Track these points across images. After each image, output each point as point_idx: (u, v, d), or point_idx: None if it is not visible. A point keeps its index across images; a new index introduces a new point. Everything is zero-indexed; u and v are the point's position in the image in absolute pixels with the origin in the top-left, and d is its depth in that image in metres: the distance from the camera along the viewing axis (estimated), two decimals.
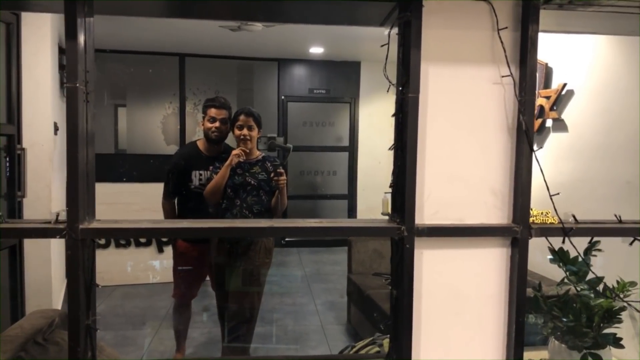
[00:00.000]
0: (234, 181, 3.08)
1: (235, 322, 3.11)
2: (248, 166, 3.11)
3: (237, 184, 3.07)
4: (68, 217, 1.29)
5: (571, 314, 2.10)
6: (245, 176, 3.08)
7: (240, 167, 3.09)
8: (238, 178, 3.08)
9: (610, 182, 2.71)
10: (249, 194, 3.07)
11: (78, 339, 1.31)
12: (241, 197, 3.07)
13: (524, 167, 1.42)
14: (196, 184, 3.17)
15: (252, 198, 3.07)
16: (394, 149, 1.45)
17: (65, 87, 1.28)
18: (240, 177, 3.08)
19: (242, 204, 3.06)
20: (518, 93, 1.43)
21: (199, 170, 3.18)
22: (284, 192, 3.05)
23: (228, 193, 3.07)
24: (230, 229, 1.42)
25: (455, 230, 1.43)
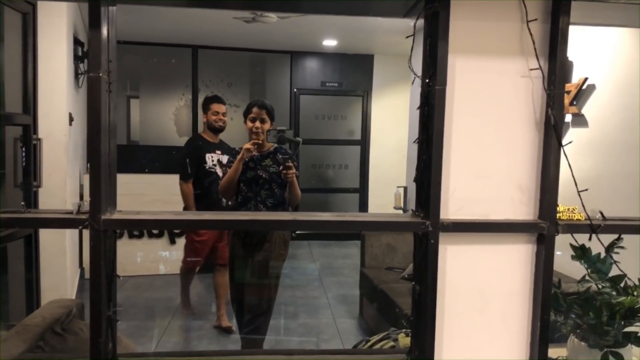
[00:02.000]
0: (246, 175, 3.06)
1: (251, 315, 3.10)
2: (260, 159, 3.09)
3: (250, 177, 3.06)
4: (90, 208, 1.28)
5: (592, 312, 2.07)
6: (257, 170, 3.06)
7: (252, 160, 3.07)
8: (250, 172, 3.06)
9: (631, 178, 2.66)
10: (262, 187, 3.05)
11: (100, 330, 1.31)
12: (254, 191, 3.05)
13: (551, 162, 1.39)
14: (210, 165, 3.84)
15: (265, 192, 3.05)
16: (419, 143, 1.43)
17: (88, 77, 1.26)
18: (252, 170, 3.06)
19: (256, 197, 3.04)
20: (547, 86, 1.40)
21: (210, 153, 3.87)
22: (295, 184, 3.01)
23: (241, 187, 3.07)
24: (251, 222, 1.41)
25: (481, 226, 1.41)
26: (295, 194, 3.04)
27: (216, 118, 3.87)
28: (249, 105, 3.13)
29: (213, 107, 3.88)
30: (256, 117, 3.06)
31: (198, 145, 3.89)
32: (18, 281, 3.30)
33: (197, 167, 3.82)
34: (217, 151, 3.89)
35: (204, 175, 3.83)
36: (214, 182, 3.77)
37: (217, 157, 3.87)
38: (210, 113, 3.88)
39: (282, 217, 1.44)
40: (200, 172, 3.83)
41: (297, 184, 3.03)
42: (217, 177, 3.79)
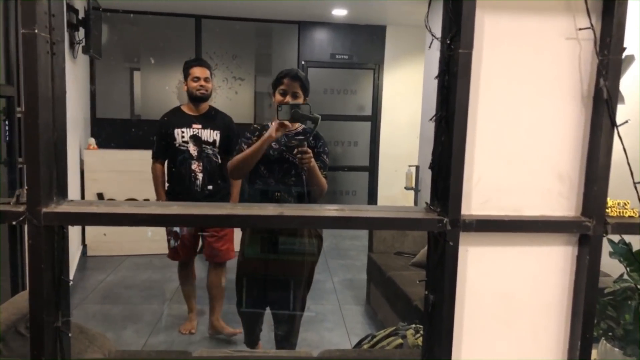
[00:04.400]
0: (269, 157, 2.53)
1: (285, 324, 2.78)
2: (285, 140, 2.56)
3: (273, 160, 2.54)
4: (28, 199, 1.04)
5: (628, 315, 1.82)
6: (281, 151, 2.54)
7: (276, 141, 2.51)
8: (273, 153, 2.53)
9: None
10: (287, 172, 2.55)
11: (42, 345, 1.08)
12: (276, 177, 2.56)
13: (602, 147, 1.12)
14: (179, 142, 3.29)
15: (291, 178, 2.56)
16: (436, 120, 1.16)
17: (22, 34, 1.00)
18: (276, 152, 2.53)
19: (279, 184, 2.56)
20: (599, 51, 1.11)
21: (181, 129, 3.30)
22: (315, 173, 2.46)
23: (261, 171, 2.56)
24: (227, 217, 1.15)
25: (510, 224, 1.14)
26: (318, 184, 2.50)
27: (196, 85, 3.27)
28: (279, 75, 2.57)
29: (193, 72, 3.29)
30: (287, 89, 2.52)
31: (166, 119, 3.37)
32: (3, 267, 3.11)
33: (165, 145, 3.33)
34: (195, 125, 3.30)
35: (173, 153, 3.31)
36: (185, 161, 3.29)
37: (192, 132, 3.30)
38: (189, 79, 3.30)
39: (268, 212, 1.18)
40: (171, 150, 3.32)
41: (318, 172, 2.46)
42: (189, 156, 3.29)
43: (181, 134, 3.30)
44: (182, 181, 3.30)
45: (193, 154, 3.31)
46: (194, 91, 3.29)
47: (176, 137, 3.29)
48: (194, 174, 3.31)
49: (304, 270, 2.72)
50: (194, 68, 3.32)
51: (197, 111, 3.35)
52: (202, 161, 3.32)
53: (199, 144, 3.32)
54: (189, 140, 3.30)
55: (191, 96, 3.33)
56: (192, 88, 3.29)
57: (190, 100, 3.36)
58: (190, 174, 3.31)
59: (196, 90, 3.28)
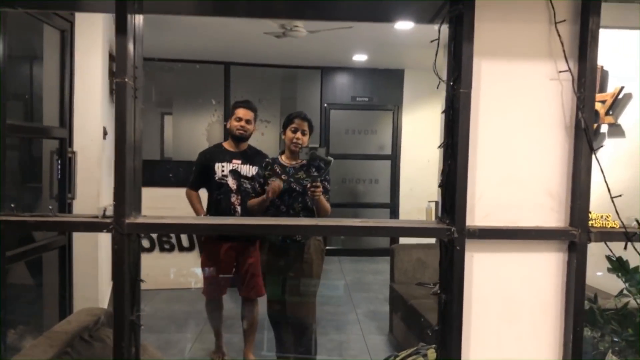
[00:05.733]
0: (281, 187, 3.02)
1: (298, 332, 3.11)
2: (293, 171, 3.07)
3: (283, 190, 3.02)
4: (115, 212, 1.30)
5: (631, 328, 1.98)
6: (289, 182, 3.04)
7: (285, 172, 3.07)
8: (284, 184, 3.04)
9: None
10: (295, 200, 3.03)
11: (122, 334, 1.32)
12: (286, 203, 3.03)
13: (583, 167, 1.35)
14: (219, 175, 3.48)
15: (298, 204, 3.02)
16: (444, 147, 1.40)
17: (115, 82, 1.29)
18: (286, 182, 3.04)
19: (289, 210, 3.02)
20: (577, 89, 1.36)
21: (221, 163, 3.49)
22: (322, 201, 2.93)
23: (274, 199, 3.02)
24: (275, 226, 1.40)
25: (508, 233, 1.37)
26: (323, 210, 2.98)
27: (238, 125, 3.46)
28: (290, 115, 3.10)
29: (237, 112, 3.48)
30: (298, 128, 3.05)
31: (210, 153, 3.58)
32: (52, 291, 3.37)
33: (206, 177, 3.50)
34: (235, 160, 3.49)
35: (214, 187, 3.48)
36: (225, 193, 3.45)
37: (232, 167, 3.49)
38: (233, 119, 3.49)
39: (306, 222, 1.43)
40: (210, 183, 3.50)
41: (324, 201, 2.97)
42: (228, 189, 3.45)
43: (221, 167, 3.47)
44: (223, 212, 3.47)
45: (232, 187, 3.46)
46: (234, 130, 3.48)
47: (216, 170, 3.47)
48: (233, 206, 3.48)
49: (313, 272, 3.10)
50: (239, 109, 3.50)
51: (237, 148, 3.54)
52: (240, 194, 3.48)
53: (238, 178, 3.50)
54: (228, 174, 3.47)
55: (232, 134, 3.51)
56: (233, 127, 3.48)
57: (231, 138, 3.55)
58: (230, 206, 3.46)
59: (236, 129, 3.47)
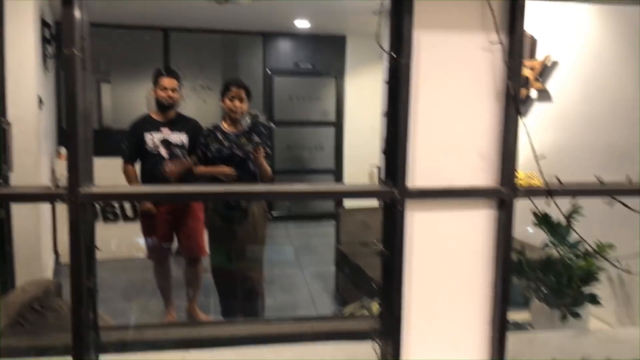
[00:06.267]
0: (222, 154, 3.10)
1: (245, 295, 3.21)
2: (235, 138, 3.13)
3: (226, 156, 3.10)
4: (69, 182, 1.32)
5: (553, 276, 2.20)
6: (232, 148, 3.11)
7: (227, 139, 3.13)
8: (226, 150, 3.11)
9: (592, 150, 2.78)
10: (238, 165, 3.10)
11: (81, 299, 1.35)
12: None
13: (511, 131, 1.48)
14: (151, 146, 3.53)
15: (241, 170, 3.10)
16: (386, 115, 1.50)
17: (63, 54, 1.29)
18: (228, 149, 3.11)
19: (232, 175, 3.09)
20: (506, 59, 1.47)
21: (150, 132, 3.54)
22: (262, 164, 3.02)
23: (217, 165, 3.12)
24: (226, 193, 1.46)
25: (445, 193, 1.49)
26: (264, 173, 3.07)
27: (164, 94, 3.49)
28: (226, 83, 3.15)
29: (162, 82, 3.52)
30: (235, 96, 3.09)
31: (138, 125, 3.60)
32: None
33: (137, 148, 3.55)
34: (164, 129, 3.54)
35: (146, 157, 3.55)
36: (158, 163, 3.51)
37: (162, 137, 3.55)
38: (158, 88, 3.52)
39: (256, 189, 1.50)
40: (142, 154, 3.55)
41: (266, 165, 3.05)
42: (160, 159, 3.51)
43: (151, 137, 3.53)
44: (156, 181, 3.49)
45: (164, 156, 3.53)
46: (161, 99, 3.52)
47: (147, 141, 3.52)
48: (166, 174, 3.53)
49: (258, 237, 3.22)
50: (163, 78, 3.54)
51: (165, 117, 3.58)
52: (173, 161, 3.54)
53: (169, 147, 3.55)
54: (159, 143, 3.53)
55: (158, 104, 3.56)
56: (160, 97, 3.52)
57: (157, 108, 3.58)
58: (163, 174, 3.50)
59: (163, 99, 3.52)
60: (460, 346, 1.53)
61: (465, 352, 1.53)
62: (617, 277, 2.46)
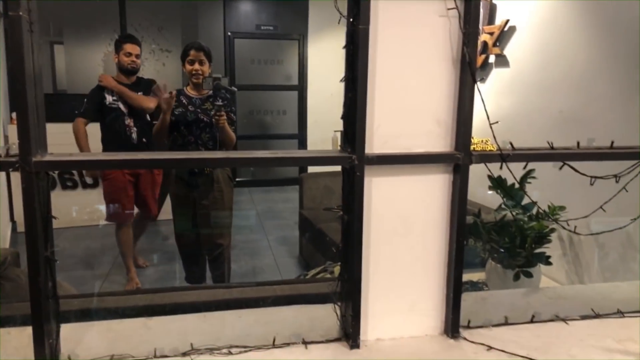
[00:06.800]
0: (187, 118, 3.05)
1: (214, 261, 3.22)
2: (199, 102, 3.08)
3: (190, 120, 3.05)
4: (20, 150, 1.28)
5: (507, 237, 2.29)
6: (197, 113, 3.06)
7: (192, 103, 3.08)
8: (190, 115, 3.06)
9: (545, 114, 2.87)
10: (202, 130, 3.06)
11: (38, 269, 1.34)
12: (195, 134, 3.07)
13: (466, 98, 1.50)
14: (110, 100, 3.67)
15: (206, 135, 3.07)
16: (345, 81, 1.50)
17: (8, 17, 1.23)
18: (192, 114, 3.06)
19: (197, 140, 3.07)
20: (462, 25, 1.49)
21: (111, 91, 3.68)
22: (226, 129, 3.00)
23: (182, 130, 3.06)
24: (188, 160, 1.45)
25: (402, 158, 1.52)
26: (228, 138, 3.04)
27: (128, 60, 3.65)
28: (185, 47, 3.09)
29: (125, 47, 3.66)
30: (194, 59, 3.05)
31: (99, 86, 3.70)
32: None
33: (97, 105, 3.66)
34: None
35: (106, 112, 3.67)
36: (118, 118, 3.67)
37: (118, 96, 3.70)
38: (122, 54, 3.66)
39: (217, 156, 1.49)
40: (103, 110, 3.67)
41: (229, 130, 3.03)
42: (120, 112, 3.67)
43: (110, 93, 3.66)
44: (119, 136, 3.68)
45: (124, 111, 3.68)
46: (125, 65, 3.66)
47: (106, 96, 3.65)
48: (129, 128, 3.71)
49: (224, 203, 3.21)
50: (126, 44, 3.66)
51: (127, 81, 3.73)
52: (133, 117, 3.71)
53: (127, 104, 3.69)
54: (118, 99, 3.66)
55: (122, 69, 3.69)
56: (124, 62, 3.66)
57: (121, 72, 3.72)
58: (124, 128, 3.69)
59: (127, 64, 3.66)
60: (417, 306, 1.59)
61: (422, 311, 1.59)
62: (567, 238, 2.57)
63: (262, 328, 1.57)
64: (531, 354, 1.47)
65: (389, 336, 1.58)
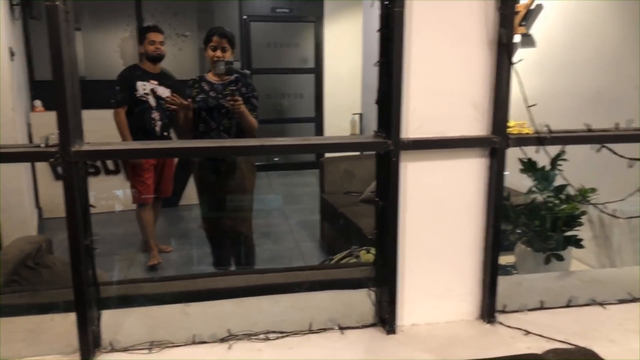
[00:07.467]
0: (208, 104, 3.05)
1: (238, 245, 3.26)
2: (221, 88, 3.07)
3: (212, 107, 3.04)
4: (60, 141, 1.29)
5: (537, 220, 2.26)
6: (218, 99, 3.04)
7: (213, 89, 3.07)
8: (212, 101, 3.05)
9: (575, 95, 2.81)
10: (224, 116, 3.05)
11: (80, 258, 1.36)
12: (217, 120, 3.06)
13: (503, 80, 1.48)
14: (141, 93, 3.79)
15: (228, 121, 3.06)
16: (379, 65, 1.48)
17: (45, 6, 1.23)
18: (214, 100, 3.05)
19: (219, 126, 3.06)
20: (499, 6, 1.46)
21: (142, 82, 3.81)
22: (245, 115, 2.97)
23: (204, 116, 3.06)
24: (216, 149, 1.45)
25: (438, 143, 1.50)
26: (248, 124, 3.02)
27: (153, 48, 3.80)
28: (208, 33, 3.07)
29: (150, 37, 3.80)
30: (217, 45, 3.03)
31: (130, 73, 3.85)
32: None
33: (128, 94, 3.78)
34: (153, 81, 3.85)
35: (135, 103, 3.79)
36: (146, 110, 3.81)
37: (152, 87, 3.84)
38: (147, 43, 3.80)
39: (248, 143, 1.49)
40: (132, 100, 3.79)
41: (248, 115, 2.99)
42: (148, 107, 3.81)
43: (142, 86, 3.80)
44: (144, 127, 3.80)
45: (152, 105, 3.83)
46: (151, 52, 3.82)
47: (138, 88, 3.78)
48: (154, 121, 3.85)
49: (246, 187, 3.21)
50: (151, 33, 3.82)
51: (153, 69, 3.89)
52: (159, 111, 3.84)
53: (156, 97, 3.83)
54: (149, 92, 3.82)
55: (149, 57, 3.84)
56: (149, 50, 3.82)
57: (148, 60, 3.86)
58: (150, 121, 3.83)
59: (152, 52, 3.81)
60: (453, 291, 1.58)
61: (458, 296, 1.59)
62: (597, 220, 2.54)
63: (298, 314, 1.58)
64: (570, 339, 1.46)
65: (424, 321, 1.58)
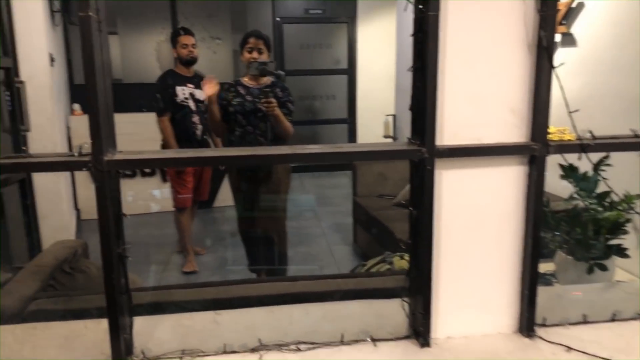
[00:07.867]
0: (245, 108, 3.03)
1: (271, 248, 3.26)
2: (257, 92, 3.04)
3: (248, 110, 3.02)
4: (92, 150, 1.30)
5: (579, 228, 2.17)
6: (254, 103, 3.02)
7: (249, 93, 3.05)
8: (248, 105, 3.03)
9: (621, 97, 2.69)
10: (261, 120, 3.03)
11: (112, 266, 1.36)
12: (253, 124, 3.04)
13: (543, 84, 1.42)
14: (181, 98, 3.84)
15: (264, 125, 3.03)
16: (413, 70, 1.44)
17: (79, 17, 1.24)
18: (251, 103, 3.03)
19: (256, 130, 3.04)
20: (540, 8, 1.40)
21: (181, 87, 3.85)
22: (280, 118, 2.95)
23: (240, 120, 3.04)
24: (251, 157, 1.43)
25: (474, 150, 1.45)
26: (282, 127, 3.00)
27: (186, 51, 3.83)
28: (245, 35, 3.07)
29: (181, 40, 3.83)
30: (253, 47, 3.03)
31: (168, 79, 3.88)
32: (17, 225, 3.34)
33: (169, 101, 3.81)
34: (189, 84, 3.87)
35: (176, 109, 3.83)
36: (187, 115, 3.85)
37: (190, 91, 3.87)
38: (179, 46, 3.84)
39: (282, 151, 1.47)
40: (173, 106, 3.83)
41: (282, 118, 2.97)
42: (189, 111, 3.85)
43: (182, 91, 3.83)
44: (186, 132, 3.87)
45: (193, 109, 3.87)
46: (184, 56, 3.84)
47: (178, 94, 3.82)
48: (194, 125, 3.89)
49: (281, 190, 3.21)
50: (181, 36, 3.84)
51: (188, 73, 3.91)
52: (199, 115, 3.88)
53: (195, 101, 3.87)
54: (188, 96, 3.85)
55: (182, 60, 3.86)
56: (182, 54, 3.85)
57: (181, 64, 3.89)
58: (191, 125, 3.87)
59: (186, 55, 3.84)
60: (490, 303, 1.53)
61: (495, 308, 1.53)
62: None
63: (330, 324, 1.55)
64: (614, 356, 1.39)
65: (460, 334, 1.53)
